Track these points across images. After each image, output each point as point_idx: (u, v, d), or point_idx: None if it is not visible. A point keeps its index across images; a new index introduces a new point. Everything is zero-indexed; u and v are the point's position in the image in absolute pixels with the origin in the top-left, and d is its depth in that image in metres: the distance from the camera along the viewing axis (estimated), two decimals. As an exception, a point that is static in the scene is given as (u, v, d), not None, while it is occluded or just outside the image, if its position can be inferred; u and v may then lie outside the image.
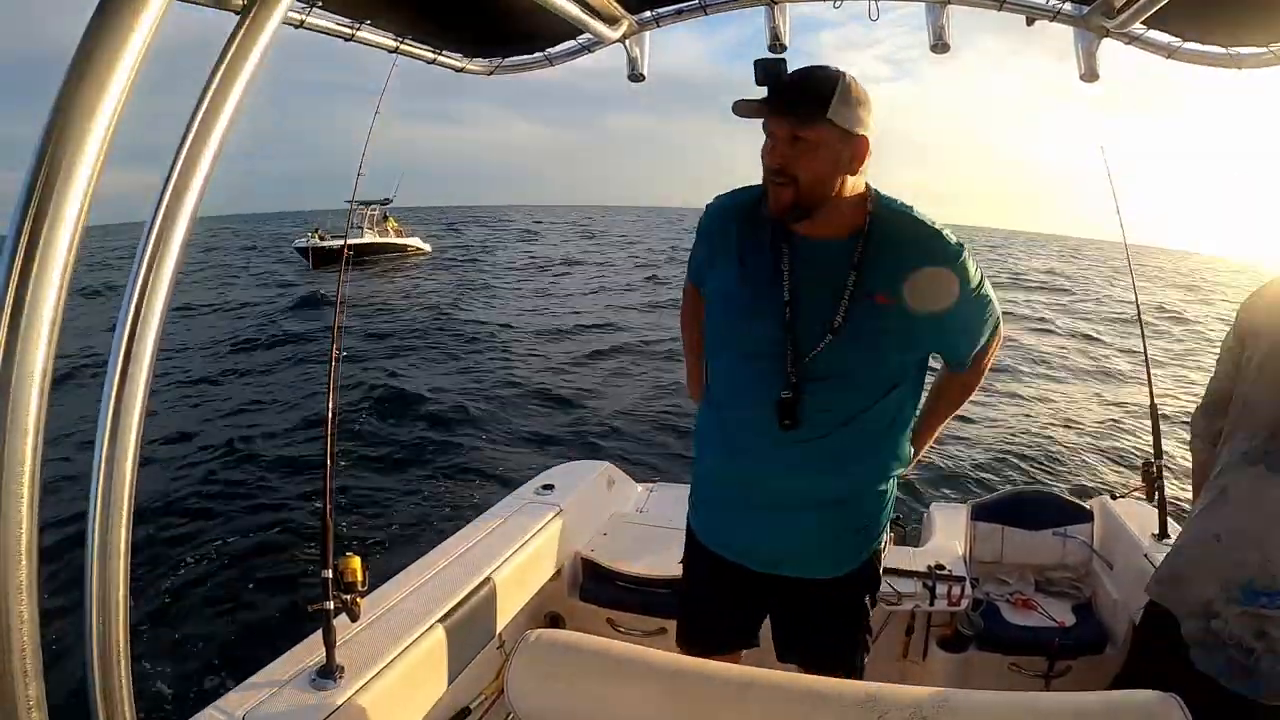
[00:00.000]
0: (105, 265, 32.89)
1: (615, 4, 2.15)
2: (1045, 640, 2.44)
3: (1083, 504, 2.86)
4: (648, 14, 2.33)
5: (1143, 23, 1.95)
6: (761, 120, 1.49)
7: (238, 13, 0.75)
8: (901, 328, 1.55)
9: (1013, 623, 2.53)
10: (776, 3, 2.25)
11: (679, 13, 2.34)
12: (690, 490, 1.89)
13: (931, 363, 1.75)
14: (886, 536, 1.79)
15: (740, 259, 1.65)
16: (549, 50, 2.42)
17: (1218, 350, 1.87)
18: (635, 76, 2.46)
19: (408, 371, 14.06)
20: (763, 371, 1.59)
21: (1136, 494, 2.89)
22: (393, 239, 37.33)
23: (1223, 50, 2.08)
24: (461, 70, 2.40)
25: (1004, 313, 1.71)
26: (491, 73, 2.48)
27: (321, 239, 33.55)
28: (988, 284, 1.63)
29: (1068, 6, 2.03)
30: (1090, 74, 2.13)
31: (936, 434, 1.87)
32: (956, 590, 2.45)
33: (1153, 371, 3.07)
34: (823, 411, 1.58)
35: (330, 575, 1.81)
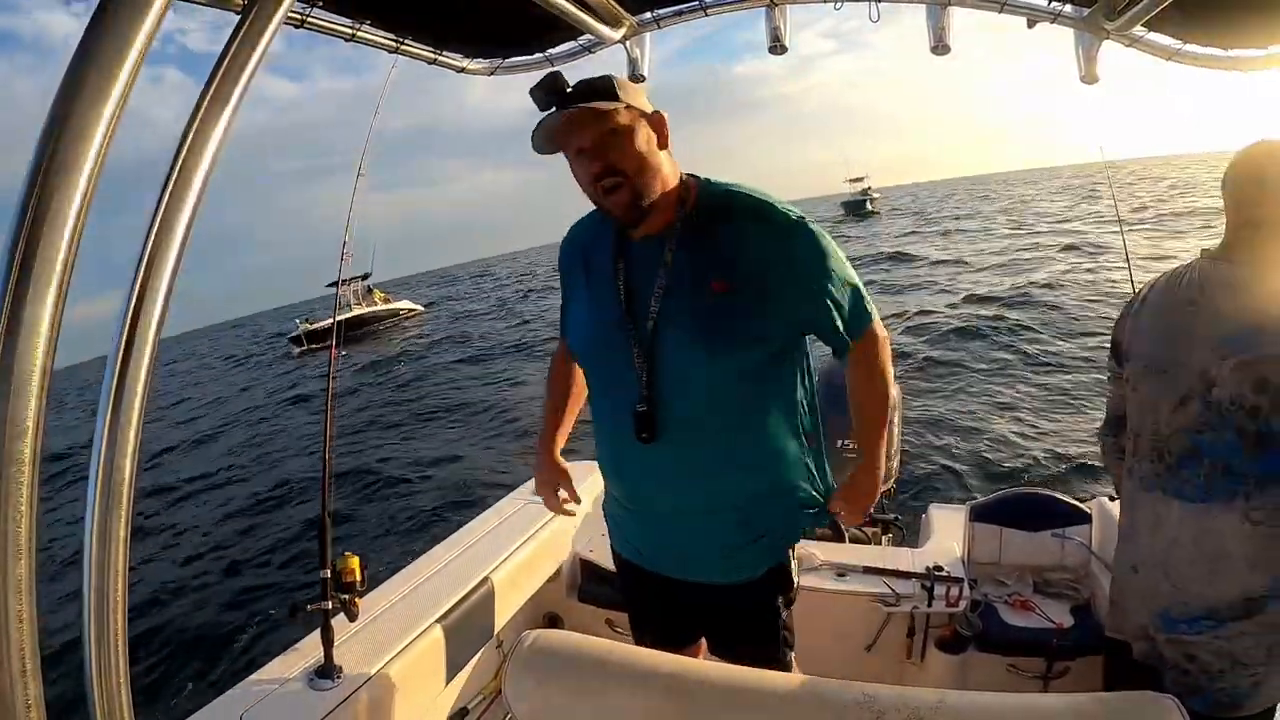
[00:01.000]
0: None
1: (616, 5, 2.16)
2: (1043, 641, 2.44)
3: (1081, 505, 2.86)
4: (648, 15, 2.33)
5: (1143, 25, 1.95)
6: (562, 152, 1.50)
7: (238, 12, 0.75)
8: (743, 314, 1.48)
9: (1011, 624, 2.53)
10: (777, 3, 2.25)
11: (679, 13, 2.34)
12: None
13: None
14: (794, 552, 1.73)
15: (586, 280, 1.66)
16: (550, 51, 2.42)
17: None
18: (635, 77, 2.46)
19: (406, 375, 14.11)
20: (620, 385, 1.56)
21: None
22: (381, 307, 38.79)
23: (1223, 53, 2.08)
24: (462, 70, 2.40)
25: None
26: (492, 73, 2.48)
27: (311, 324, 35.06)
28: (843, 260, 1.56)
29: (1068, 9, 2.04)
30: (1090, 76, 2.13)
31: (878, 456, 1.73)
32: (955, 591, 2.45)
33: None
34: (685, 420, 1.53)
35: (328, 575, 1.81)
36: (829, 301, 1.54)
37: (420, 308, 41.76)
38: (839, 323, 1.56)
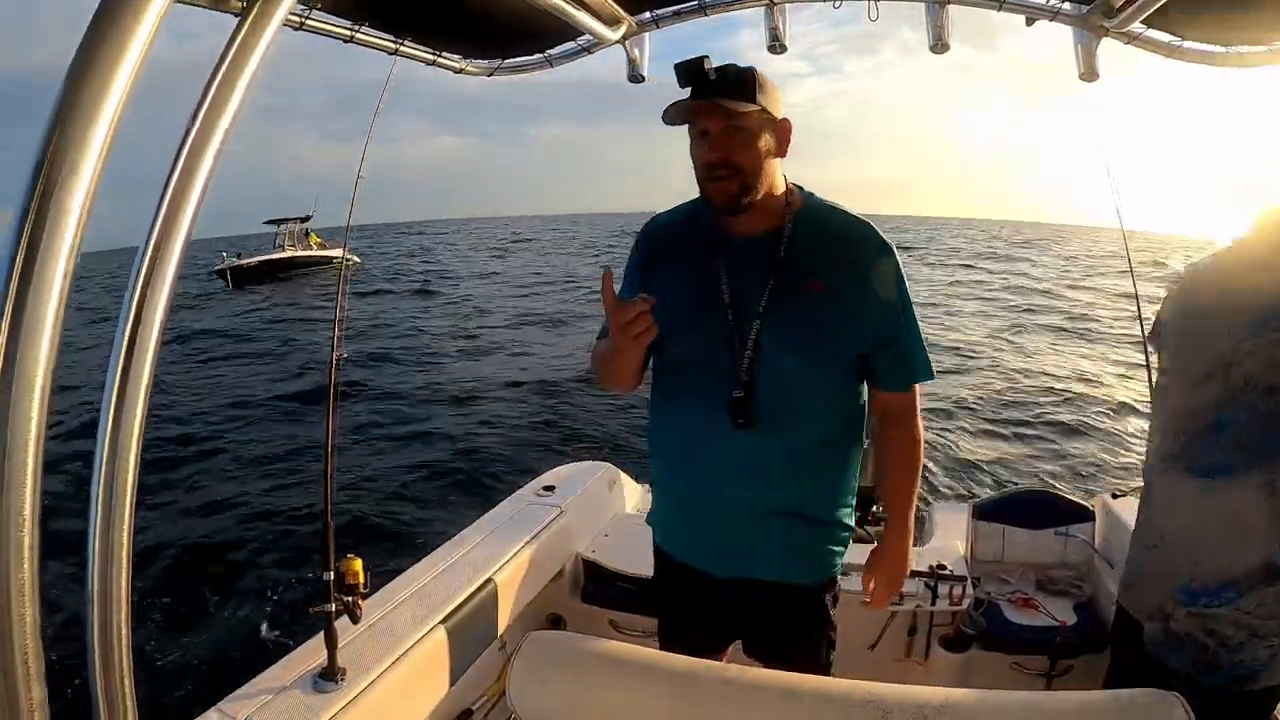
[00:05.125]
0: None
1: (615, 5, 2.16)
2: (1047, 639, 2.44)
3: (1084, 503, 2.86)
4: (647, 15, 2.33)
5: (1142, 22, 1.95)
6: (686, 125, 1.55)
7: (237, 14, 0.75)
8: (835, 314, 1.57)
9: (1015, 622, 2.53)
10: (775, 3, 2.25)
11: (678, 14, 2.34)
12: (652, 501, 1.90)
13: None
14: (840, 571, 1.77)
15: (679, 268, 1.69)
16: (549, 51, 2.42)
17: None
18: (635, 77, 2.46)
19: (403, 369, 14.11)
20: (714, 373, 1.60)
21: (1138, 493, 2.89)
22: (315, 252, 38.12)
23: (1222, 49, 2.08)
24: (461, 71, 2.41)
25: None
26: (492, 73, 2.48)
27: (240, 257, 34.39)
28: (913, 308, 1.65)
29: (1067, 6, 2.03)
30: (1090, 73, 2.13)
31: (910, 520, 1.78)
32: (958, 590, 2.45)
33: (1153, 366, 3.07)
34: (779, 411, 1.58)
35: (331, 577, 1.81)
36: (904, 325, 1.63)
37: (356, 259, 40.00)
38: (905, 352, 1.64)
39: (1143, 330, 3.31)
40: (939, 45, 2.17)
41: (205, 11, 1.33)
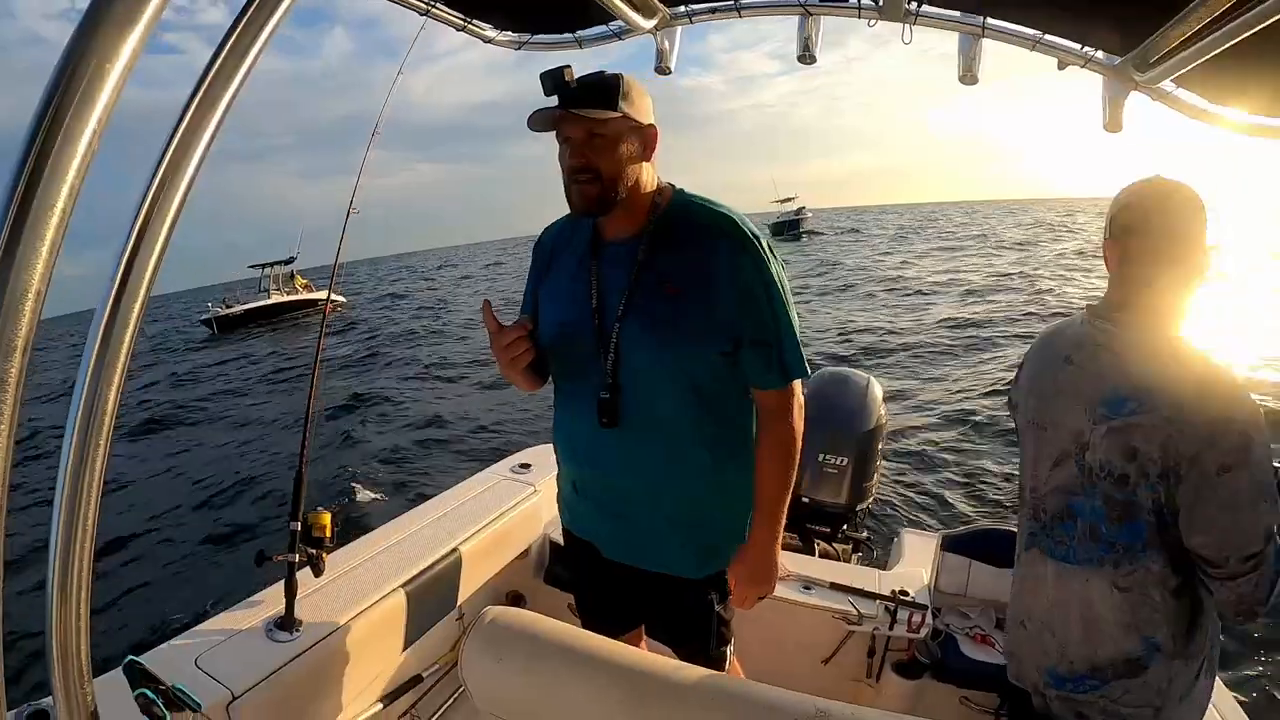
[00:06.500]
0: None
1: None
2: (999, 678, 2.46)
3: None
4: (681, 9, 2.32)
5: (1173, 80, 1.93)
6: (554, 131, 1.56)
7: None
8: (688, 312, 1.57)
9: (969, 657, 2.54)
10: (811, 13, 2.24)
11: (713, 10, 2.33)
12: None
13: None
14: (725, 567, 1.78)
15: (560, 275, 1.76)
16: (580, 32, 2.41)
17: None
18: (662, 70, 2.45)
19: (390, 346, 14.11)
20: (585, 373, 1.66)
21: None
22: (302, 295, 37.87)
23: (1251, 119, 2.05)
24: (490, 40, 2.39)
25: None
26: (520, 46, 2.46)
27: (227, 305, 34.72)
28: (786, 299, 1.61)
29: (1100, 55, 2.02)
30: (1115, 124, 2.11)
31: (778, 529, 1.74)
32: (917, 618, 2.46)
33: None
34: (642, 411, 1.62)
35: (298, 528, 1.81)
36: (769, 321, 1.59)
37: (342, 299, 38.94)
38: (773, 349, 1.61)
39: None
40: (968, 76, 2.16)
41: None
